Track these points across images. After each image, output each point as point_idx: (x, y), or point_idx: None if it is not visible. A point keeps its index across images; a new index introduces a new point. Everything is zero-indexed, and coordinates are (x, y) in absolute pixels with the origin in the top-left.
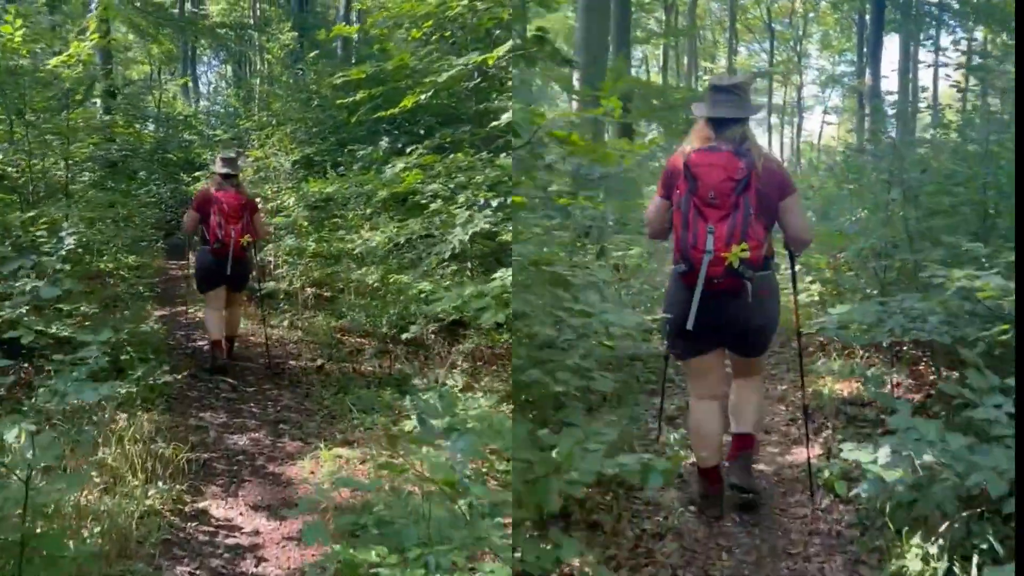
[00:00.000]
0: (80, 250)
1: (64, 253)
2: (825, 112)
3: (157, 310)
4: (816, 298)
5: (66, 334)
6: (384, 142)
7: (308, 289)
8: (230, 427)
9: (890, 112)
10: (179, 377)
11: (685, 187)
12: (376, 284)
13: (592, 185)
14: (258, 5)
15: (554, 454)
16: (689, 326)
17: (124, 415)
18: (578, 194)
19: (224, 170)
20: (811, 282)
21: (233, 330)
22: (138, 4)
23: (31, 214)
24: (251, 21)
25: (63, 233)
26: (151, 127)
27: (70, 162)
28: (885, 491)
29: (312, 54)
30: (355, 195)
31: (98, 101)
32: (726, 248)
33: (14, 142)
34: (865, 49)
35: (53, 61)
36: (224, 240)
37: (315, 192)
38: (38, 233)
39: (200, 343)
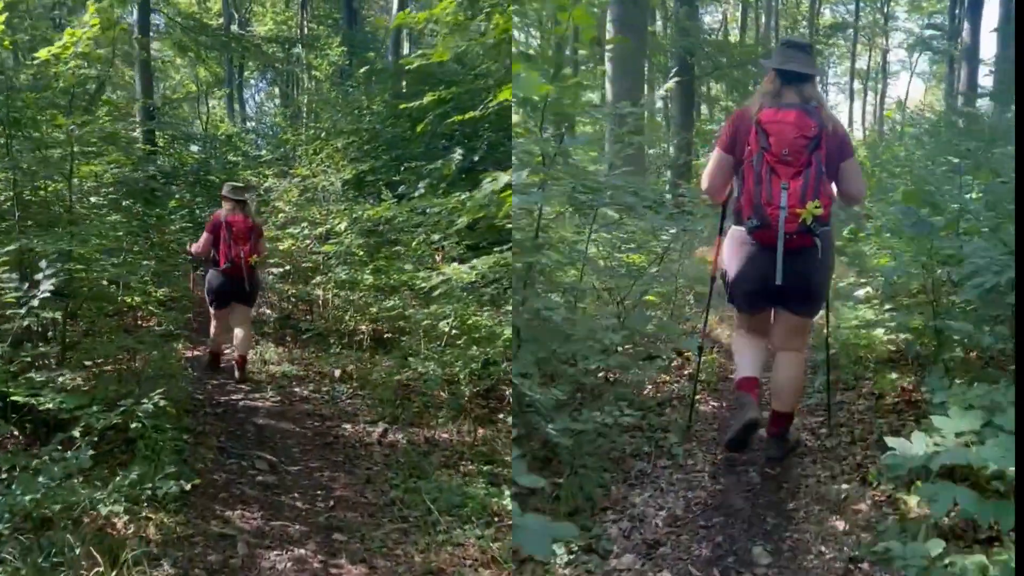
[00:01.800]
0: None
1: (37, 303)
2: (912, 76)
3: (189, 349)
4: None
5: (51, 406)
6: (458, 154)
7: (363, 327)
8: (265, 536)
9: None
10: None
11: (757, 144)
12: (453, 329)
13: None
14: (305, 24)
15: None
16: (779, 281)
17: (125, 515)
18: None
19: (235, 196)
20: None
21: (244, 348)
22: (179, 20)
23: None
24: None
25: (41, 275)
26: (194, 148)
27: (82, 182)
28: None
29: (362, 70)
30: (426, 220)
31: (136, 118)
32: (800, 204)
33: None
34: (959, 9)
35: (42, 53)
36: (235, 260)
37: (374, 218)
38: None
39: (235, 396)
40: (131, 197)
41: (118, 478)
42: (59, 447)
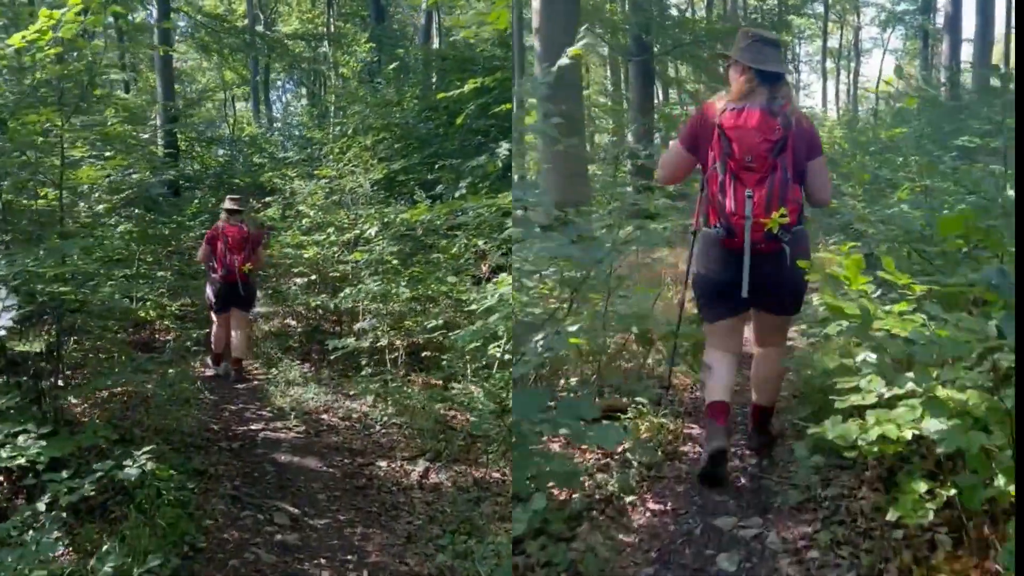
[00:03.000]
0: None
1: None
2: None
3: (207, 368)
4: None
5: (21, 462)
6: (504, 148)
7: (398, 343)
8: None
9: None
10: (210, 521)
11: (720, 149)
12: (506, 354)
13: None
14: (332, 22)
15: None
16: (744, 294)
17: None
18: None
19: (231, 206)
20: None
21: (242, 352)
22: (203, 19)
23: None
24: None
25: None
26: (220, 151)
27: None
28: None
29: (392, 66)
30: (469, 223)
31: (156, 121)
32: (765, 214)
33: None
34: None
35: (14, 39)
36: (229, 267)
37: (409, 221)
38: None
39: (254, 426)
40: (143, 204)
41: (94, 560)
42: (30, 512)
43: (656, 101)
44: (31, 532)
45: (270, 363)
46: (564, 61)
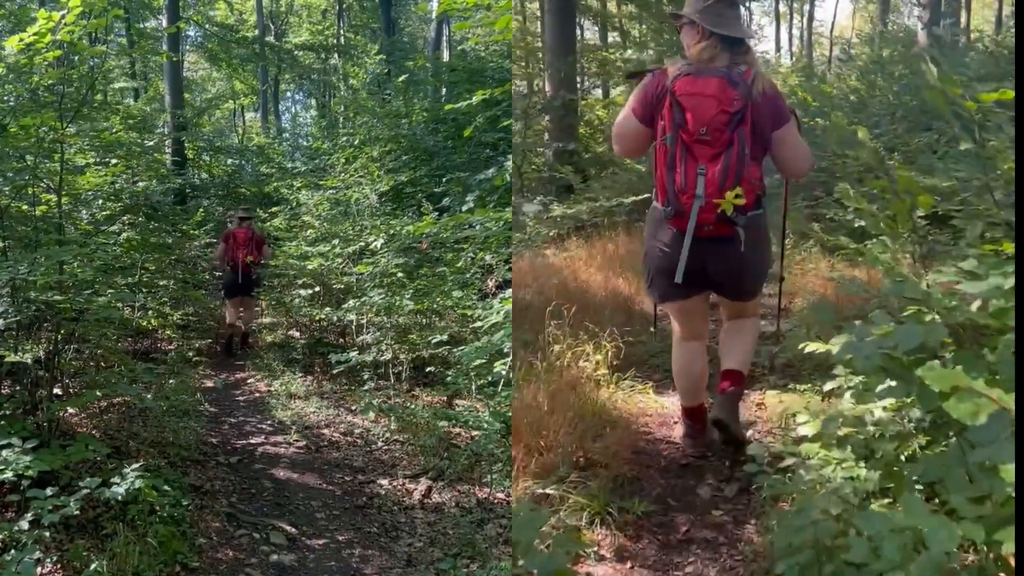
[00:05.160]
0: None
1: None
2: None
3: (209, 376)
4: None
5: (8, 475)
6: (510, 162)
7: (402, 357)
8: None
9: None
10: (204, 540)
11: (671, 119)
12: (511, 371)
13: None
14: (342, 34)
15: None
16: (678, 279)
17: None
18: None
19: (241, 214)
20: None
21: (247, 323)
22: (213, 28)
23: None
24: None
25: None
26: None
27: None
28: None
29: (401, 78)
30: (475, 236)
31: (164, 130)
32: (719, 193)
33: None
34: None
35: (11, 41)
36: (235, 261)
37: (415, 234)
38: None
39: (254, 440)
40: (144, 212)
41: None
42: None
43: (578, 41)
44: (12, 552)
45: (272, 375)
46: None
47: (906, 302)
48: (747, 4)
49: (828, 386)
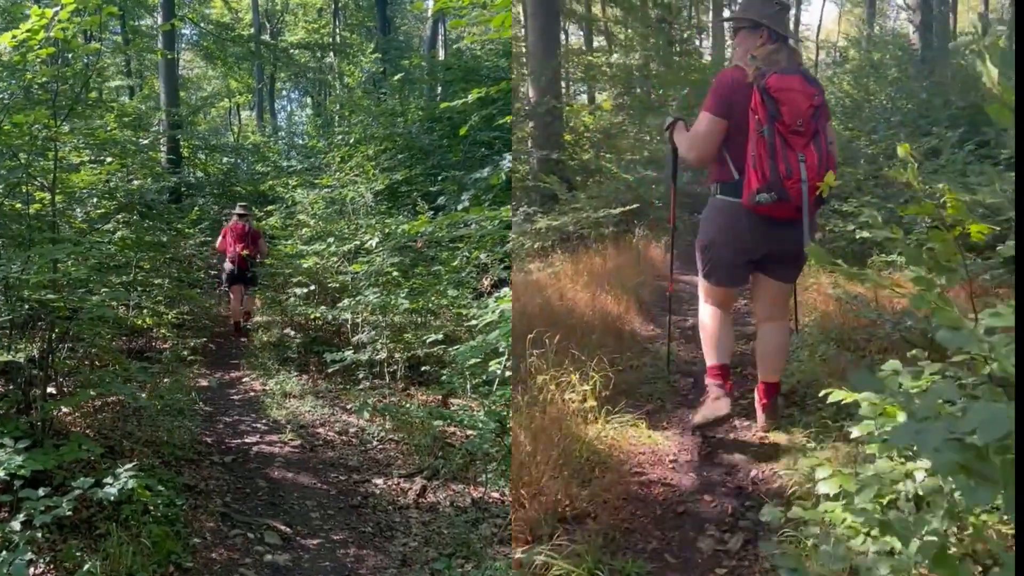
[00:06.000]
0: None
1: None
2: None
3: (204, 375)
4: None
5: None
6: (508, 161)
7: (397, 355)
8: None
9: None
10: (198, 540)
11: (765, 113)
12: (507, 371)
13: None
14: (338, 33)
15: None
16: (806, 248)
17: None
18: None
19: (239, 211)
20: None
21: (247, 308)
22: (207, 26)
23: None
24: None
25: None
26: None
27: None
28: None
29: (396, 77)
30: (471, 236)
31: (159, 128)
32: (819, 177)
33: None
34: None
35: (4, 37)
36: (234, 253)
37: (410, 233)
38: None
39: (248, 439)
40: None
41: None
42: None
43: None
44: (4, 553)
45: (267, 374)
46: None
47: (959, 353)
48: (732, 8)
49: (855, 432)
